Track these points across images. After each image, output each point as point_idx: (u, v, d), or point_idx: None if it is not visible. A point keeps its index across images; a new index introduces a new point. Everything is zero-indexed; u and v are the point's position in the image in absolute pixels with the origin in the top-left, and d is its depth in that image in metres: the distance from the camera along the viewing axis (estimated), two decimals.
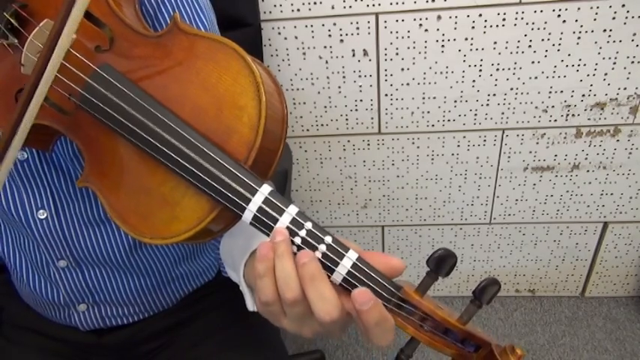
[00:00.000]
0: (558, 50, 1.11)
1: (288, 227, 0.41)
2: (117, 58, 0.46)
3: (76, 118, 0.47)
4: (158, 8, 0.56)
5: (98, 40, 0.47)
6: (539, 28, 1.09)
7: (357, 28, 1.12)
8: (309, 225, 0.41)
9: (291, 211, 0.41)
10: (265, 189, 0.41)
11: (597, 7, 1.06)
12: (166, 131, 0.42)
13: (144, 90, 0.44)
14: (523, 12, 1.07)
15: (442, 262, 0.41)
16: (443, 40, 1.12)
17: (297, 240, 0.41)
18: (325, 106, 1.23)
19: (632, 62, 1.12)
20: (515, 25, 1.09)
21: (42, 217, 0.62)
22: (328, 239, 0.41)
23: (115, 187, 0.47)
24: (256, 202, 0.41)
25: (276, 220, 0.41)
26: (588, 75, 1.14)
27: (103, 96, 0.44)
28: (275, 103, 0.44)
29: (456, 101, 1.20)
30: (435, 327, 0.42)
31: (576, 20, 1.07)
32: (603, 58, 1.12)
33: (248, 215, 0.42)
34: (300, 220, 0.41)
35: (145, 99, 0.44)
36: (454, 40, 1.11)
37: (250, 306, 0.54)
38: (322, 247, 0.41)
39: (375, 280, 0.41)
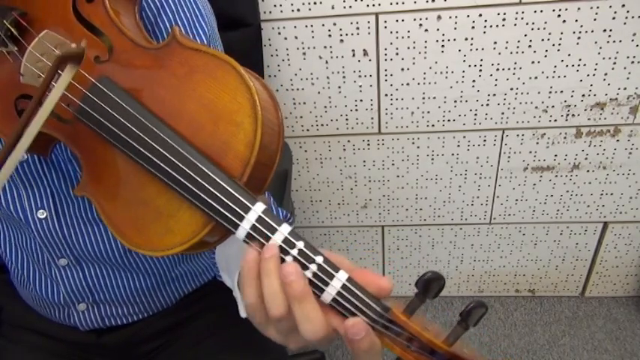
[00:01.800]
0: (558, 50, 1.11)
1: (280, 247, 0.41)
2: (116, 69, 0.46)
3: (75, 128, 0.47)
4: (158, 14, 0.56)
5: (97, 50, 0.47)
6: (539, 28, 1.09)
7: (357, 28, 1.12)
8: (300, 244, 0.41)
9: (284, 230, 0.41)
10: (259, 207, 0.41)
11: (597, 7, 1.06)
12: (162, 145, 0.43)
13: (141, 103, 0.44)
14: (523, 12, 1.07)
15: (430, 285, 0.41)
16: (443, 40, 1.12)
17: (289, 259, 0.41)
18: (325, 106, 1.23)
19: (632, 62, 1.12)
20: (515, 25, 1.09)
21: (42, 216, 0.62)
22: (319, 259, 0.41)
23: (111, 198, 0.47)
24: (250, 219, 0.41)
25: (268, 238, 0.41)
26: (588, 75, 1.14)
27: (101, 109, 0.44)
28: (271, 119, 0.44)
29: (456, 101, 1.20)
30: (422, 348, 0.42)
31: (576, 20, 1.07)
32: (603, 58, 1.12)
33: (241, 232, 0.42)
34: (292, 239, 0.41)
35: (142, 113, 0.44)
36: (454, 40, 1.11)
37: (243, 312, 0.55)
38: (313, 267, 0.41)
39: (364, 301, 0.42)
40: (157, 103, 0.45)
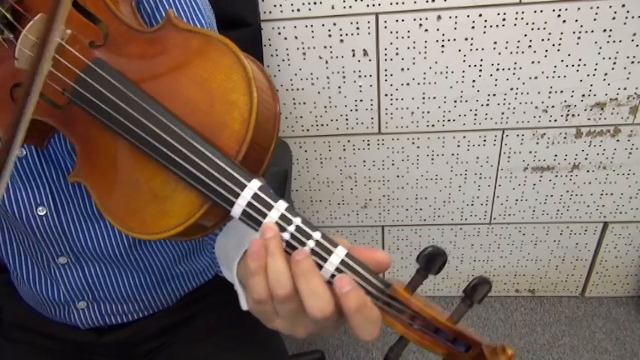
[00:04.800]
0: (558, 50, 1.11)
1: (276, 223, 0.41)
2: (111, 53, 0.47)
3: (69, 113, 0.47)
4: (156, 7, 0.57)
5: (93, 35, 0.47)
6: (539, 28, 1.09)
7: (357, 28, 1.12)
8: (297, 220, 0.41)
9: (280, 206, 0.41)
10: (254, 184, 0.41)
11: (597, 7, 1.06)
12: (157, 125, 0.43)
13: (136, 84, 0.44)
14: (523, 12, 1.07)
15: (432, 260, 0.41)
16: (443, 40, 1.12)
17: (286, 235, 0.41)
18: (325, 106, 1.23)
19: (632, 62, 1.12)
20: (515, 25, 1.09)
21: (41, 213, 0.62)
22: (317, 235, 0.41)
23: (105, 182, 0.47)
24: (245, 197, 0.41)
25: (264, 215, 0.41)
26: (588, 75, 1.14)
27: (95, 90, 0.44)
28: (267, 99, 0.44)
29: (456, 101, 1.20)
30: (425, 326, 0.42)
31: (576, 20, 1.07)
32: (603, 58, 1.12)
33: (237, 210, 0.41)
34: (288, 215, 0.41)
35: (137, 93, 0.44)
36: (454, 40, 1.11)
37: (244, 305, 0.54)
38: (310, 243, 0.41)
39: (364, 276, 0.41)
40: (152, 84, 0.45)
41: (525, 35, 1.10)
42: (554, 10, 1.07)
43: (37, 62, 0.42)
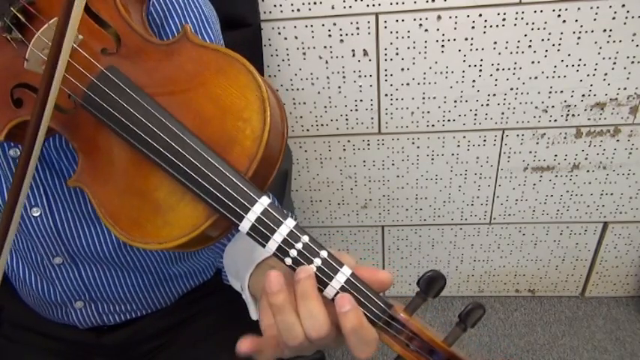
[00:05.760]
0: (558, 50, 1.11)
1: (285, 239, 0.42)
2: (123, 61, 0.47)
3: (74, 118, 0.48)
4: (165, 18, 0.57)
5: (105, 42, 0.48)
6: (539, 28, 1.09)
7: (357, 28, 1.12)
8: (305, 238, 0.42)
9: (289, 223, 0.42)
10: (265, 200, 0.42)
11: (597, 7, 1.06)
12: (169, 136, 0.43)
13: (148, 94, 0.45)
14: (523, 12, 1.07)
15: (432, 284, 0.42)
16: (443, 40, 1.12)
17: (293, 252, 0.42)
18: (325, 106, 1.23)
19: (632, 62, 1.12)
20: (515, 25, 1.09)
21: (36, 214, 0.62)
22: (324, 254, 0.42)
23: (107, 189, 0.47)
24: (255, 212, 0.41)
25: (273, 231, 0.42)
26: (588, 75, 1.14)
27: (108, 97, 0.45)
28: (277, 119, 0.45)
29: (456, 101, 1.20)
30: (421, 347, 0.43)
31: (576, 20, 1.07)
32: (603, 58, 1.12)
33: (246, 225, 0.42)
34: (297, 232, 0.42)
35: (150, 103, 0.44)
36: (454, 40, 1.11)
37: (254, 315, 0.55)
38: (317, 261, 0.42)
39: (367, 296, 0.42)
40: (165, 95, 0.45)
41: (525, 35, 1.10)
42: (554, 10, 1.06)
43: (55, 66, 0.42)
